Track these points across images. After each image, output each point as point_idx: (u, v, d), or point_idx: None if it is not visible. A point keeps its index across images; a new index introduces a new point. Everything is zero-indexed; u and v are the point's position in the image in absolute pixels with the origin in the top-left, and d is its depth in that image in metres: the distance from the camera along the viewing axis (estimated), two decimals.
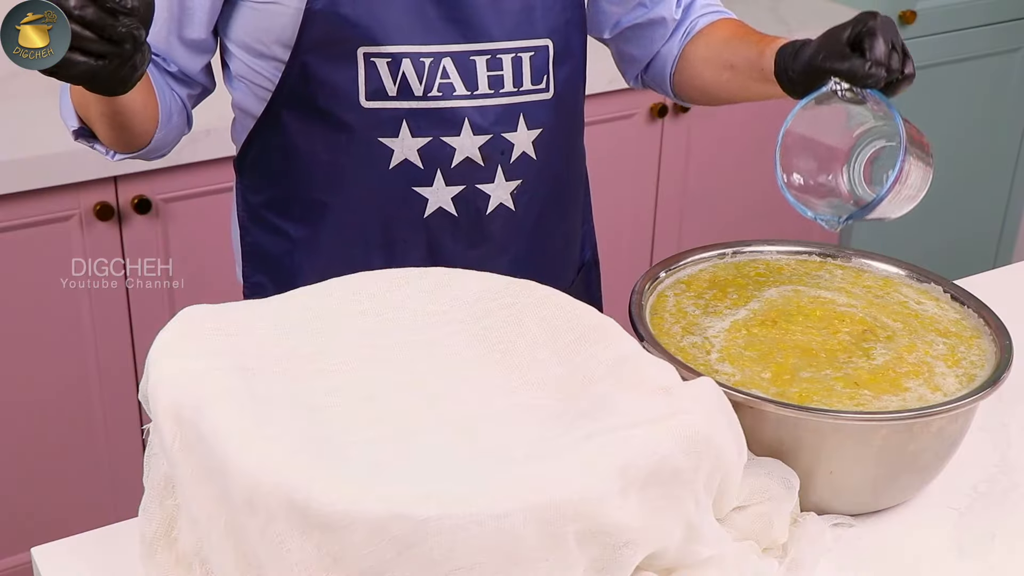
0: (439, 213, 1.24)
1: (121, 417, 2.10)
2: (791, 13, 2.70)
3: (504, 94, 1.23)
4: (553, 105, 1.26)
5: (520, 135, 1.24)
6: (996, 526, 1.09)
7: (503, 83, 1.22)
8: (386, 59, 1.18)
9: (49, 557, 1.02)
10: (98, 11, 0.93)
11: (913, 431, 1.02)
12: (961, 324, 1.17)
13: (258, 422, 0.87)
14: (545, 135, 1.26)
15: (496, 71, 1.21)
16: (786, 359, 1.09)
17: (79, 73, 0.95)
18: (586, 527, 0.85)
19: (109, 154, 1.25)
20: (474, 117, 1.22)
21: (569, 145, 1.32)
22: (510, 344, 1.03)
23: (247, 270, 1.35)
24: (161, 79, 1.24)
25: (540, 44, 1.23)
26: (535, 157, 1.26)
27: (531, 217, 1.29)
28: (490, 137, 1.22)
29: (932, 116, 2.89)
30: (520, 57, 1.22)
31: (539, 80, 1.24)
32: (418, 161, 1.22)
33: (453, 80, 1.20)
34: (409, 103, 1.20)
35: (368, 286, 1.07)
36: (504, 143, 1.23)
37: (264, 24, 1.19)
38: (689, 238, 2.59)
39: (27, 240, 1.93)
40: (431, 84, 1.19)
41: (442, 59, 1.19)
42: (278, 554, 0.82)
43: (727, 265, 1.25)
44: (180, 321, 0.98)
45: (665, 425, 0.90)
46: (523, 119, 1.24)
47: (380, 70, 1.18)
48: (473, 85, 1.21)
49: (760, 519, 1.00)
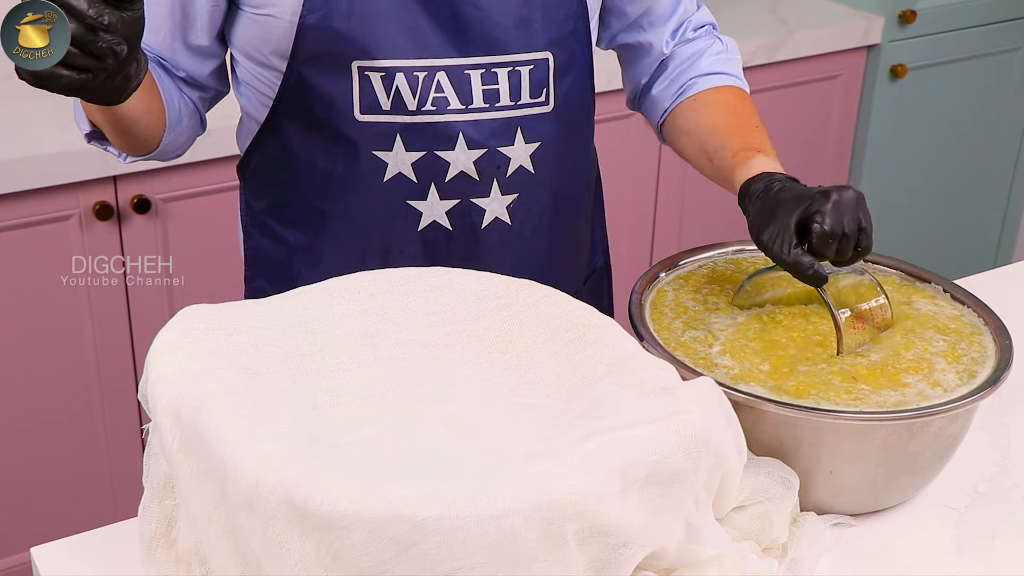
0: (433, 227, 1.24)
1: (121, 417, 2.10)
2: (791, 12, 2.70)
3: (500, 108, 1.22)
4: (554, 118, 1.25)
5: (517, 149, 1.24)
6: (996, 526, 1.09)
7: (499, 97, 1.21)
8: (380, 73, 1.18)
9: (48, 557, 1.02)
10: (79, 27, 0.93)
11: (913, 431, 1.02)
12: (961, 321, 1.16)
13: (258, 422, 0.87)
14: (544, 148, 1.25)
15: (491, 85, 1.20)
16: (785, 351, 1.09)
17: (64, 86, 0.96)
18: (586, 527, 0.85)
19: (121, 156, 1.26)
20: (468, 131, 1.21)
21: (571, 156, 1.30)
22: (509, 344, 1.02)
23: (249, 273, 1.36)
24: (170, 83, 1.25)
25: (539, 57, 1.22)
26: (533, 171, 1.25)
27: (528, 230, 1.28)
28: (485, 151, 1.22)
29: (932, 116, 2.89)
30: (518, 71, 1.21)
31: (538, 93, 1.23)
32: (412, 175, 1.21)
33: (447, 94, 1.19)
34: (403, 117, 1.19)
35: (368, 286, 1.07)
36: (500, 157, 1.23)
37: (261, 34, 1.19)
38: (689, 239, 2.59)
39: (27, 240, 1.93)
40: (425, 98, 1.19)
41: (436, 73, 1.19)
42: (277, 554, 0.82)
43: (726, 261, 1.25)
44: (180, 321, 0.98)
45: (665, 425, 0.90)
46: (521, 133, 1.23)
47: (374, 84, 1.18)
48: (468, 99, 1.20)
49: (760, 519, 1.00)
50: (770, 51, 2.54)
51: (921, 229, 3.03)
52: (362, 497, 0.81)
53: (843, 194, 1.09)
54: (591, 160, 1.39)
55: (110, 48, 0.95)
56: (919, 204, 2.99)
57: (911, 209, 2.97)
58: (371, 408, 0.94)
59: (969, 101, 2.94)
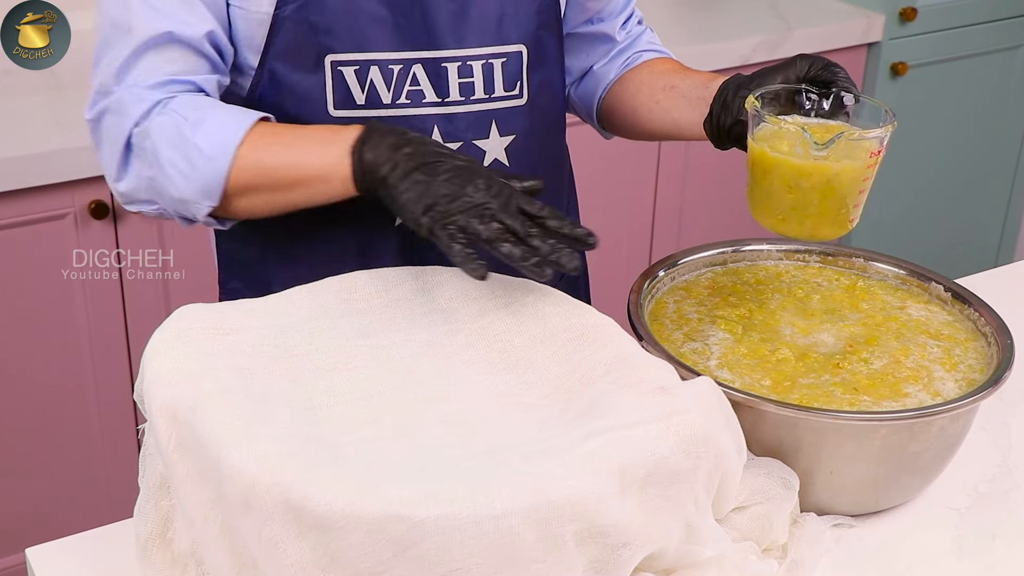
0: None
1: (116, 417, 2.10)
2: (791, 10, 2.70)
3: (475, 101, 1.22)
4: (527, 111, 1.25)
5: (492, 142, 1.24)
6: (997, 527, 1.09)
7: (474, 90, 1.21)
8: (354, 67, 1.17)
9: (44, 558, 1.02)
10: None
11: (914, 431, 1.02)
12: (954, 327, 1.16)
13: (254, 422, 0.87)
14: (519, 141, 1.25)
15: (467, 78, 1.20)
16: (784, 365, 1.09)
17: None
18: (584, 527, 0.84)
19: (226, 224, 1.20)
20: (443, 125, 1.20)
21: (546, 151, 1.31)
22: (508, 343, 1.02)
23: (223, 276, 1.35)
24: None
25: (513, 50, 1.22)
26: (508, 164, 1.25)
27: None
28: (460, 145, 1.21)
29: (933, 114, 2.89)
30: (491, 64, 1.21)
31: (512, 86, 1.23)
32: None
33: (423, 87, 1.19)
34: (377, 111, 1.19)
35: (365, 285, 1.06)
36: (475, 150, 1.22)
37: (242, 28, 1.18)
38: (688, 239, 2.59)
39: (21, 239, 1.92)
40: (399, 92, 1.19)
41: (412, 66, 1.19)
42: (274, 554, 0.82)
43: (727, 271, 1.25)
44: (175, 320, 0.97)
45: (664, 425, 0.89)
46: (495, 126, 1.23)
47: (347, 78, 1.18)
48: (444, 92, 1.20)
49: (760, 520, 0.99)
50: (770, 49, 2.54)
51: (922, 227, 3.02)
52: (359, 497, 0.80)
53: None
54: (564, 156, 1.39)
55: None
56: (920, 202, 2.99)
57: (912, 207, 2.97)
58: (368, 408, 0.94)
59: (970, 99, 2.94)
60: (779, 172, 1.07)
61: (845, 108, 1.13)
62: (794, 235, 1.10)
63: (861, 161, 1.07)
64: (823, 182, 1.06)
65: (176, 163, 1.10)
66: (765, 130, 1.10)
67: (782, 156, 1.07)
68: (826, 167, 1.06)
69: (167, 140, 1.10)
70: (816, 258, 1.27)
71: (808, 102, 1.14)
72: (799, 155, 1.06)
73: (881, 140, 1.07)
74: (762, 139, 1.10)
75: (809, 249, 1.27)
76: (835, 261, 1.26)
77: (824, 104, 1.13)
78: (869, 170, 1.08)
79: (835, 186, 1.06)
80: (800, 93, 1.14)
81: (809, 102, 1.14)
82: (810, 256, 1.27)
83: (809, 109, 1.14)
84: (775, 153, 1.07)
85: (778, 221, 1.10)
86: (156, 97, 1.12)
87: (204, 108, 1.12)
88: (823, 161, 1.05)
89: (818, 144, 1.05)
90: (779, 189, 1.08)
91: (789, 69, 1.16)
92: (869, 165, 1.07)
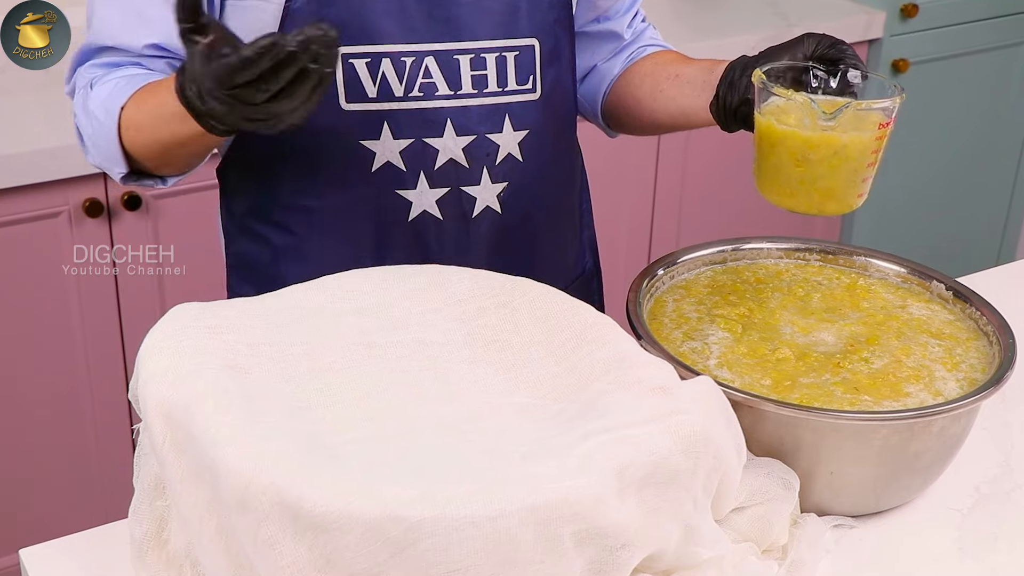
0: (424, 216, 1.23)
1: (111, 417, 2.10)
2: (791, 7, 2.69)
3: (488, 94, 1.22)
4: (540, 106, 1.25)
5: (506, 136, 1.23)
6: (999, 527, 1.08)
7: (487, 83, 1.21)
8: (365, 59, 1.17)
9: (38, 559, 1.01)
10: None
11: (914, 431, 1.01)
12: (956, 326, 1.16)
13: (250, 421, 0.86)
14: (532, 137, 1.25)
15: (480, 70, 1.20)
16: (784, 365, 1.08)
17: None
18: (583, 528, 0.84)
19: (163, 183, 1.26)
20: (456, 117, 1.21)
21: (558, 147, 1.31)
22: (505, 343, 1.02)
23: (232, 281, 1.34)
24: None
25: (526, 44, 1.22)
26: (521, 159, 1.25)
27: (517, 220, 1.28)
28: (474, 138, 1.21)
29: (934, 111, 2.88)
30: (504, 56, 1.21)
31: (525, 80, 1.23)
32: (400, 163, 1.21)
33: (436, 80, 1.19)
34: (390, 104, 1.19)
35: (362, 284, 1.06)
36: (489, 144, 1.23)
37: (244, 25, 1.17)
38: (687, 239, 2.59)
39: (15, 237, 1.92)
40: (412, 84, 1.19)
41: (424, 58, 1.19)
42: (270, 555, 0.81)
43: (726, 270, 1.24)
44: (170, 319, 0.97)
45: (663, 425, 0.89)
46: (509, 120, 1.23)
47: (359, 71, 1.17)
48: (456, 85, 1.20)
49: (760, 520, 0.99)
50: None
51: (923, 225, 3.02)
52: (356, 498, 0.80)
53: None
54: (576, 154, 1.39)
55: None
56: (921, 200, 2.98)
57: (913, 205, 2.97)
58: (365, 408, 0.94)
59: (972, 96, 2.94)
60: (786, 145, 1.07)
61: (852, 87, 1.12)
62: (802, 210, 1.09)
63: (869, 133, 1.06)
64: (831, 154, 1.05)
65: (86, 132, 1.20)
66: (772, 104, 1.09)
67: (789, 128, 1.06)
68: (834, 138, 1.05)
69: (79, 113, 1.20)
70: (816, 257, 1.26)
71: (815, 80, 1.13)
72: (807, 126, 1.06)
73: (889, 112, 1.07)
74: (769, 113, 1.09)
75: (809, 248, 1.26)
76: (835, 260, 1.26)
77: (831, 83, 1.13)
78: (877, 142, 1.07)
79: (843, 158, 1.05)
80: (807, 72, 1.14)
81: (816, 80, 1.13)
82: (810, 255, 1.26)
83: (816, 88, 1.13)
84: (782, 126, 1.06)
85: (785, 196, 1.09)
86: (92, 75, 1.20)
87: (110, 79, 1.18)
88: (831, 132, 1.04)
89: (826, 114, 1.04)
90: (787, 163, 1.07)
91: (796, 48, 1.16)
92: (877, 137, 1.06)
